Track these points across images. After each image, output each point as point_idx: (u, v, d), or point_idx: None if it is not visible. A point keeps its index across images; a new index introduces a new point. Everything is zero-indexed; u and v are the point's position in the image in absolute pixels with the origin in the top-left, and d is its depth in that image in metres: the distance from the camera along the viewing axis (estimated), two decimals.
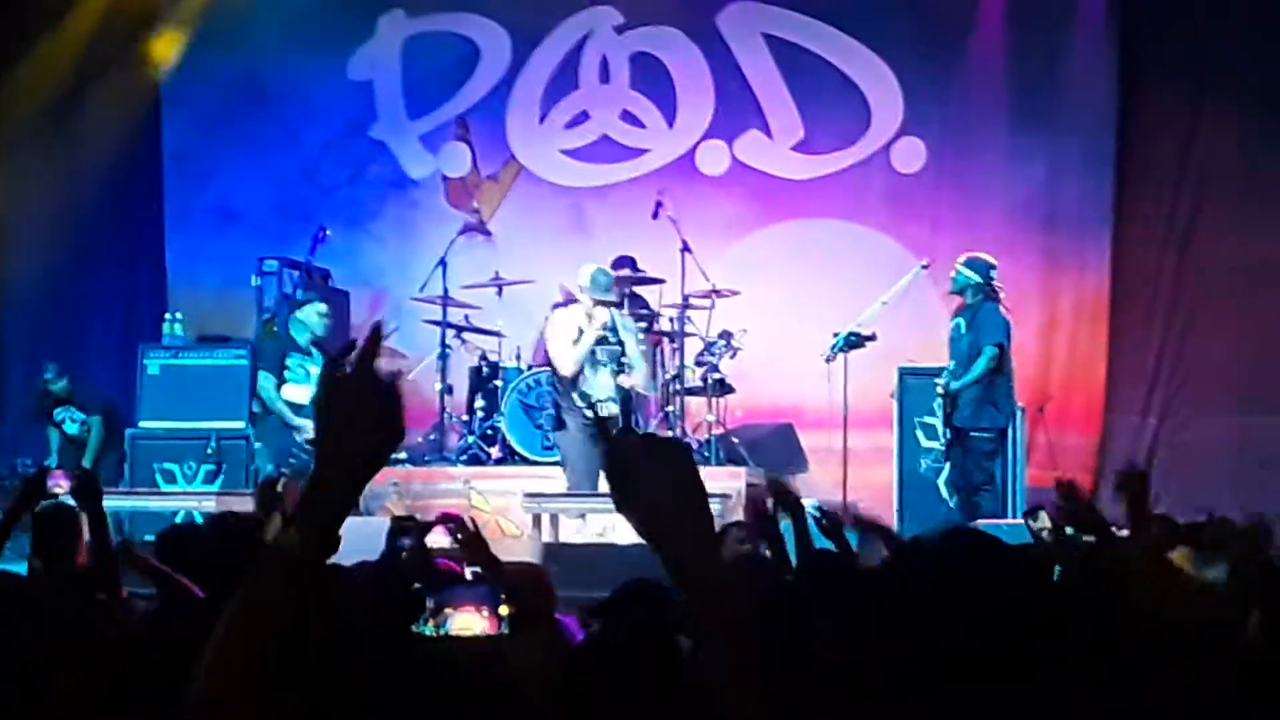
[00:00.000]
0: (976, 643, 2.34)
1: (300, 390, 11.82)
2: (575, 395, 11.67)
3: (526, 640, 4.25)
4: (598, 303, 11.70)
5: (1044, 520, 5.35)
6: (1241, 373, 14.05)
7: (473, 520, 8.50)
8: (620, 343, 11.82)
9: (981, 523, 9.74)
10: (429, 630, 4.86)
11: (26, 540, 6.46)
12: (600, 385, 11.69)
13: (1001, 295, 11.87)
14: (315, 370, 11.91)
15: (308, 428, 11.79)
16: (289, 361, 11.96)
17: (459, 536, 6.15)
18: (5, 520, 6.24)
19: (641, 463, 2.28)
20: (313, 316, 12.07)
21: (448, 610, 4.92)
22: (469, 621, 4.88)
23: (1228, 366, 14.13)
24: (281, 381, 11.87)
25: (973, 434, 11.69)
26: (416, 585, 5.13)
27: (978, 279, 11.77)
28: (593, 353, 11.71)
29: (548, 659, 2.73)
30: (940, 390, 11.83)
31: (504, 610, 4.83)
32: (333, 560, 2.38)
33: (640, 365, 11.94)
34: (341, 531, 2.27)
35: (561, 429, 11.88)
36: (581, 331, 11.71)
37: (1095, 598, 4.64)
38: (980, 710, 2.32)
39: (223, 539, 5.40)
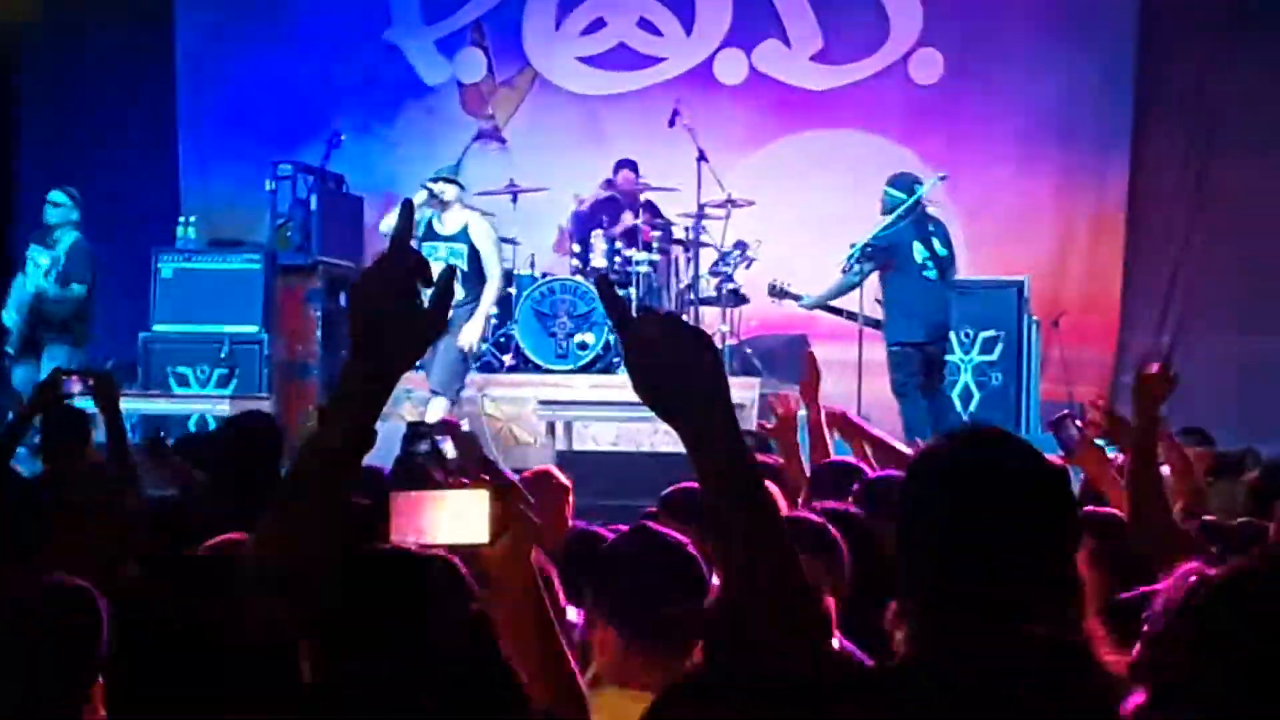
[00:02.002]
0: (990, 535, 2.33)
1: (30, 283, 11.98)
2: None
3: (503, 547, 4.24)
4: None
5: (1072, 429, 5.28)
6: (1254, 293, 14.04)
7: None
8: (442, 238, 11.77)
9: None
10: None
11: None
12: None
13: (929, 208, 11.81)
14: (43, 260, 11.93)
15: (8, 319, 11.87)
16: (28, 254, 12.00)
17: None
18: (18, 421, 6.26)
19: (662, 347, 2.24)
20: (47, 206, 12.06)
21: None
22: None
23: (1240, 286, 14.12)
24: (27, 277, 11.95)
25: (887, 345, 11.73)
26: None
27: (903, 196, 11.70)
28: (435, 249, 11.71)
29: (524, 566, 2.71)
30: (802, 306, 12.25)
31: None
32: None
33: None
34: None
35: None
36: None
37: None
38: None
39: (241, 438, 5.40)
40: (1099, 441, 5.33)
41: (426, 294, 2.23)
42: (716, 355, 2.27)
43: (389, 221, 12.36)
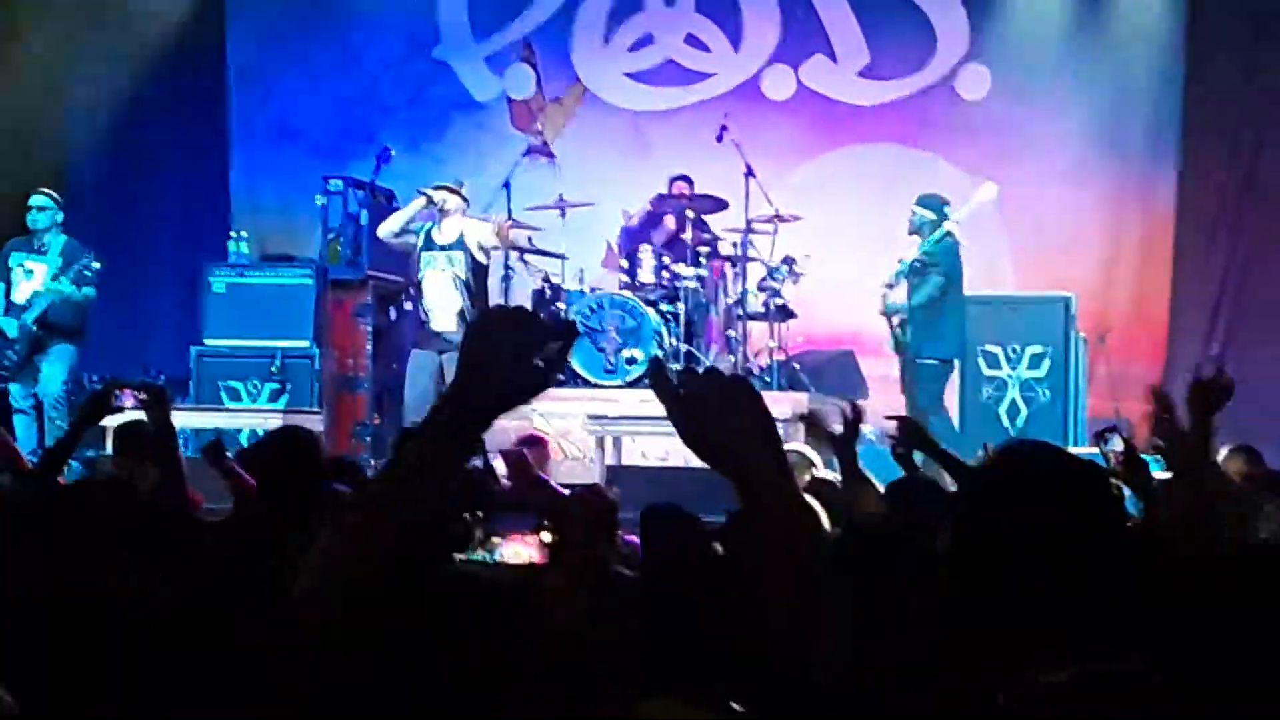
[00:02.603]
0: (1044, 542, 2.37)
1: (24, 289, 11.89)
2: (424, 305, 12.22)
3: (563, 569, 4.28)
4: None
5: (1117, 443, 5.27)
6: None
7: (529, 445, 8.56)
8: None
9: None
10: (479, 558, 4.90)
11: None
12: (431, 288, 12.05)
13: (956, 231, 11.86)
14: (37, 266, 11.89)
15: (9, 326, 11.86)
16: (11, 262, 11.97)
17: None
18: (70, 434, 6.28)
19: (709, 406, 2.28)
20: (31, 211, 12.03)
21: (496, 539, 4.97)
22: (517, 550, 4.92)
23: None
24: (10, 285, 11.91)
25: (918, 361, 11.71)
26: (464, 514, 5.16)
27: (933, 216, 11.73)
28: (433, 259, 12.11)
29: (581, 587, 2.74)
30: (880, 311, 12.09)
31: (546, 538, 4.86)
32: None
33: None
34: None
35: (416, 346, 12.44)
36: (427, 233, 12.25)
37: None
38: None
39: (290, 452, 5.41)
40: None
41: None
42: (763, 406, 2.31)
43: (387, 226, 12.45)
